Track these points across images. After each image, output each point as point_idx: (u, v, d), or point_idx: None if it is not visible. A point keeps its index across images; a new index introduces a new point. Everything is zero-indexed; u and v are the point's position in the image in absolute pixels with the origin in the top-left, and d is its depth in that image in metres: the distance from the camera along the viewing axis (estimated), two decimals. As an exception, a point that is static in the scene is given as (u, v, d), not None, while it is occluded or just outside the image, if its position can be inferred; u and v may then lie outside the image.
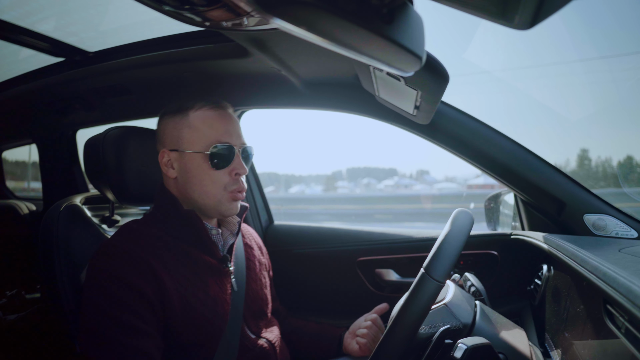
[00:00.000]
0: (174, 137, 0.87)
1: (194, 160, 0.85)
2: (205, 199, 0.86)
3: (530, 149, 1.07)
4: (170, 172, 0.87)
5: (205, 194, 0.85)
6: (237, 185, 0.87)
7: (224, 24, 0.54)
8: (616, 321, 0.58)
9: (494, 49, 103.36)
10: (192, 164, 0.85)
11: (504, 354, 0.68)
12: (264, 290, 1.01)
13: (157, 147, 0.91)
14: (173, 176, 0.87)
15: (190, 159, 0.85)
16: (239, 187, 0.87)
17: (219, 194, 0.86)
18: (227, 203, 0.87)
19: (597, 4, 65.03)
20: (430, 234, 1.35)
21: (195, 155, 0.85)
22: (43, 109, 1.51)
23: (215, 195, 0.86)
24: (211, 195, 0.85)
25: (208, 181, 0.85)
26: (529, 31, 0.32)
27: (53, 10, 1.02)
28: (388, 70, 0.49)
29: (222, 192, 0.86)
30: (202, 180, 0.85)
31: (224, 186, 0.86)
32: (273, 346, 0.94)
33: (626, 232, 0.99)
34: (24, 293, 1.74)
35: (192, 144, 0.85)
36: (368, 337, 1.01)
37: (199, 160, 0.85)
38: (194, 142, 0.85)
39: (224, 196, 0.86)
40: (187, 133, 0.86)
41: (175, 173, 0.87)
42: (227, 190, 0.86)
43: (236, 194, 0.87)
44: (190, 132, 0.85)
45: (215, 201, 0.86)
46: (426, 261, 0.63)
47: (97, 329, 0.71)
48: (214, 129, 0.85)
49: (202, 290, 0.82)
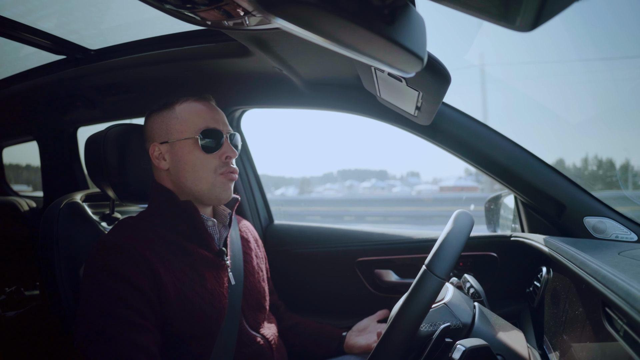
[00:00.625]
0: (163, 130, 0.88)
1: (184, 147, 0.87)
2: (199, 184, 0.87)
3: (530, 151, 1.07)
4: (162, 164, 0.89)
5: (198, 179, 0.87)
6: (227, 167, 0.88)
7: (225, 23, 0.54)
8: (615, 324, 0.58)
9: (494, 49, 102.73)
10: (183, 150, 0.87)
11: (503, 355, 0.68)
12: (261, 283, 1.02)
13: (146, 145, 0.92)
14: (165, 167, 0.89)
15: (181, 147, 0.87)
16: (229, 168, 0.89)
17: (211, 178, 0.87)
18: (221, 185, 0.88)
19: (597, 5, 64.73)
20: (430, 235, 1.35)
21: (185, 142, 0.86)
22: (44, 107, 1.51)
23: (207, 179, 0.87)
24: (204, 179, 0.87)
25: (199, 166, 0.86)
26: (530, 33, 0.32)
27: (55, 8, 1.02)
28: (389, 71, 0.49)
29: (213, 176, 0.87)
30: (194, 165, 0.86)
31: (215, 169, 0.87)
32: (270, 343, 0.94)
33: (626, 235, 0.99)
34: (23, 290, 1.74)
35: (181, 132, 0.87)
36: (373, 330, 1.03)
37: (190, 146, 0.86)
38: (183, 130, 0.87)
39: (216, 179, 0.87)
40: (175, 124, 0.88)
41: (167, 164, 0.88)
42: (218, 173, 0.87)
43: (228, 174, 0.88)
44: (178, 122, 0.88)
45: (209, 185, 0.87)
46: (428, 258, 0.64)
47: (95, 324, 0.71)
48: (201, 117, 0.88)
49: (199, 284, 0.82)
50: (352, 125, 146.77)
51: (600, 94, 63.16)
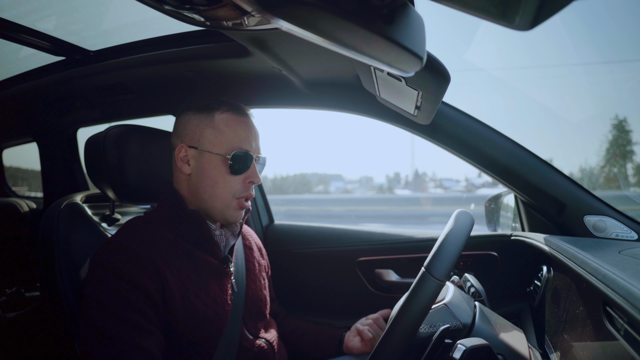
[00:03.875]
0: (196, 134, 0.87)
1: (212, 161, 0.85)
2: (215, 201, 0.86)
3: (530, 150, 1.07)
4: (185, 168, 0.87)
5: (215, 197, 0.86)
6: (246, 193, 0.88)
7: (225, 24, 0.54)
8: (615, 323, 0.58)
9: (495, 50, 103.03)
10: (210, 164, 0.85)
11: (503, 355, 0.68)
12: (263, 291, 1.01)
13: (174, 141, 0.91)
14: (187, 172, 0.87)
15: (209, 160, 0.85)
16: (247, 194, 0.88)
17: (228, 200, 0.86)
18: (234, 210, 0.87)
19: (598, 5, 64.14)
20: (431, 235, 1.35)
21: (215, 156, 0.85)
22: (44, 108, 1.51)
23: (224, 200, 0.86)
24: (220, 199, 0.86)
25: (221, 184, 0.85)
26: (529, 32, 0.32)
27: (54, 9, 1.02)
28: (389, 71, 0.48)
29: (230, 199, 0.86)
30: (215, 182, 0.85)
31: (234, 192, 0.86)
32: (271, 346, 0.94)
33: (626, 234, 0.99)
34: (23, 291, 1.74)
35: (213, 145, 0.85)
36: (372, 327, 1.02)
37: (218, 162, 0.85)
38: (216, 144, 0.85)
39: (231, 203, 0.87)
40: (210, 133, 0.86)
41: (190, 170, 0.87)
42: (235, 197, 0.87)
43: (243, 202, 0.88)
44: (213, 133, 0.85)
45: (223, 206, 0.86)
46: (427, 260, 0.63)
47: (99, 325, 0.70)
48: (238, 135, 0.86)
49: (204, 291, 0.82)
50: (308, 131, 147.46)
51: (600, 94, 62.63)
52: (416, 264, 1.34)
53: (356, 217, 13.92)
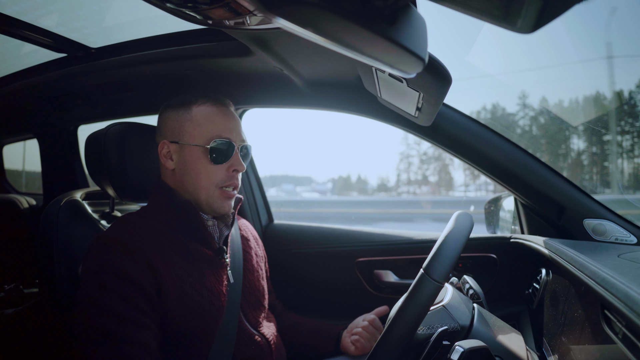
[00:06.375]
0: (175, 129, 0.88)
1: (193, 153, 0.86)
2: (199, 192, 0.86)
3: (531, 152, 1.07)
4: (169, 164, 0.88)
5: (199, 188, 0.86)
6: (230, 182, 0.88)
7: (227, 23, 0.54)
8: (614, 327, 0.58)
9: (496, 52, 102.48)
10: (191, 156, 0.86)
11: (501, 357, 0.68)
12: (260, 281, 1.02)
13: (157, 139, 0.92)
14: (171, 167, 0.88)
15: (190, 152, 0.86)
16: (232, 183, 0.88)
17: (211, 190, 0.86)
18: (219, 201, 0.88)
19: (598, 6, 63.62)
20: (430, 236, 1.35)
21: (195, 148, 0.86)
22: (45, 104, 1.51)
23: (207, 191, 0.86)
24: (204, 190, 0.86)
25: (204, 175, 0.86)
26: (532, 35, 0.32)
27: (56, 6, 1.02)
28: (390, 72, 0.48)
29: (213, 189, 0.87)
30: (198, 173, 0.86)
31: (217, 182, 0.87)
32: (269, 342, 0.94)
33: (626, 238, 0.99)
34: (22, 287, 1.74)
35: (193, 137, 0.86)
36: (363, 336, 1.01)
37: (199, 154, 0.86)
38: (195, 136, 0.86)
39: (215, 193, 0.87)
40: (188, 126, 0.87)
41: (174, 164, 0.88)
42: (218, 187, 0.87)
43: (228, 191, 0.88)
44: (192, 125, 0.87)
45: (207, 196, 0.87)
46: (426, 262, 0.63)
47: (94, 320, 0.71)
48: (216, 125, 0.87)
49: (199, 281, 0.82)
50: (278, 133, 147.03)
51: (600, 94, 62.42)
52: (415, 265, 1.34)
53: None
